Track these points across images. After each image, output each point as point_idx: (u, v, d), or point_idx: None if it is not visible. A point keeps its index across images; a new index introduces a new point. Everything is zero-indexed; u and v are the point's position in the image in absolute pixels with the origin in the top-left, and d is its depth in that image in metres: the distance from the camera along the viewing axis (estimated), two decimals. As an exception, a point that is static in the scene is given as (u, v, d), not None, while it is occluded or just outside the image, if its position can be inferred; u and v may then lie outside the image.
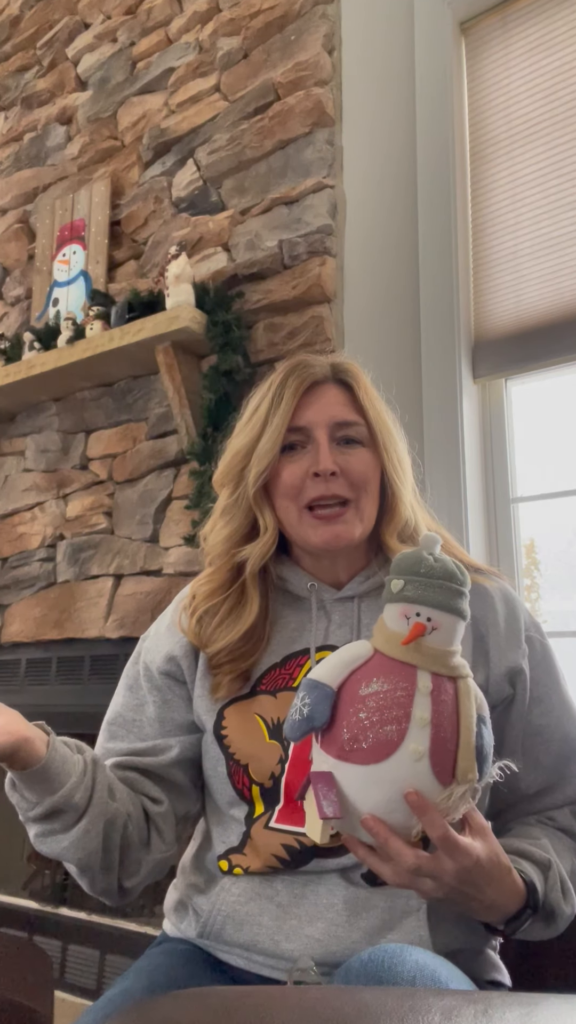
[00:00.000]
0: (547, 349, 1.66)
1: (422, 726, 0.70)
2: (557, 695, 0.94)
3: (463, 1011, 0.41)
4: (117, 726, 1.00)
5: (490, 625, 0.93)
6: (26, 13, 2.82)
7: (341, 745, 0.72)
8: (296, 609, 0.98)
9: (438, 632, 0.73)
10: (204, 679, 0.96)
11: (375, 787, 0.71)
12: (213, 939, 0.89)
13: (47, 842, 0.86)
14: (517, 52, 1.79)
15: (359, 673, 0.74)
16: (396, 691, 0.71)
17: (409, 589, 0.73)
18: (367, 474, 0.95)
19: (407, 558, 0.75)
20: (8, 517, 2.47)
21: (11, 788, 0.86)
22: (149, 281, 2.18)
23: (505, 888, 0.76)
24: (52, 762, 0.83)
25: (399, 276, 1.83)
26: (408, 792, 0.69)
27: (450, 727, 0.71)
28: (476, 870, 0.72)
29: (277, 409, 0.95)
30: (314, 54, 1.98)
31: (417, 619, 0.72)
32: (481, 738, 0.72)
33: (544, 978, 0.98)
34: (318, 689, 0.75)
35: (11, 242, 2.69)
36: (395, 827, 0.71)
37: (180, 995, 0.44)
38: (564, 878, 0.84)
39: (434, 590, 0.73)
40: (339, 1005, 0.42)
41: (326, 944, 0.82)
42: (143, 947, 1.05)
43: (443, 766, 0.71)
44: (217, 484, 1.01)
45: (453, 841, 0.70)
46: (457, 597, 0.73)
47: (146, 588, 2.06)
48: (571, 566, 1.67)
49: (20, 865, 2.36)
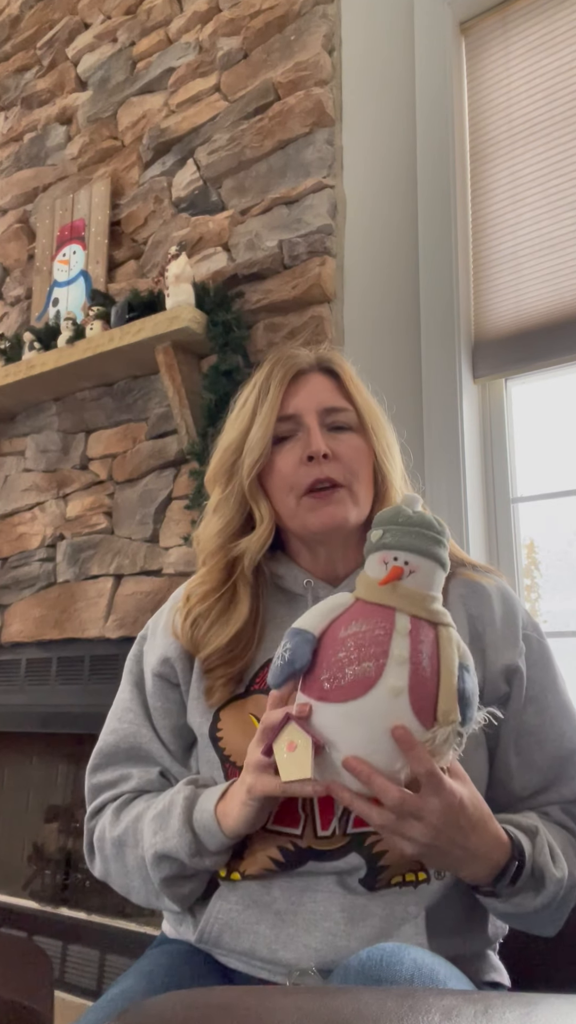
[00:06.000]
0: (547, 349, 1.66)
1: (400, 663, 0.70)
2: (553, 695, 0.93)
3: (463, 1011, 0.41)
4: (126, 756, 0.99)
5: (487, 623, 0.92)
6: (26, 13, 2.82)
7: (320, 685, 0.73)
8: (291, 606, 0.97)
9: (416, 575, 0.74)
10: (199, 682, 0.95)
11: (355, 724, 0.71)
12: (211, 945, 0.88)
13: (179, 885, 0.89)
14: (517, 52, 1.79)
15: (340, 619, 0.75)
16: (375, 630, 0.72)
17: (387, 536, 0.75)
18: (359, 458, 0.95)
19: (386, 512, 0.77)
20: (8, 517, 2.47)
21: (199, 855, 0.86)
22: (149, 281, 2.18)
23: (488, 836, 0.76)
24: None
25: (399, 276, 1.83)
26: (395, 726, 0.69)
27: (431, 667, 0.71)
28: (460, 810, 0.72)
29: (265, 399, 0.95)
30: (314, 54, 1.98)
31: (395, 563, 0.74)
32: (463, 682, 0.72)
33: (544, 978, 0.98)
34: (299, 635, 0.76)
35: (11, 242, 2.69)
36: (378, 768, 0.71)
37: (180, 995, 0.44)
38: (553, 845, 0.83)
39: (411, 536, 0.74)
40: (338, 1005, 0.42)
41: (324, 953, 0.81)
42: (143, 947, 1.05)
43: (424, 705, 0.70)
44: (209, 483, 1.01)
45: (439, 778, 0.70)
46: (434, 543, 0.74)
47: (146, 588, 2.06)
48: (571, 566, 1.67)
49: (20, 865, 2.36)
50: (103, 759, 1.00)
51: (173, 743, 0.98)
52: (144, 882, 0.90)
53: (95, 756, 1.01)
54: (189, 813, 0.86)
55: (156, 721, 0.98)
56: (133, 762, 0.98)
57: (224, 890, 0.89)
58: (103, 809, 0.98)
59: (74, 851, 2.28)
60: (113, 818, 0.95)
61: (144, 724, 0.99)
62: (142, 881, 0.91)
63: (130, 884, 0.93)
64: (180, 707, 0.98)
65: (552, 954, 0.98)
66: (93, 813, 0.99)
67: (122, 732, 0.99)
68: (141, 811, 0.92)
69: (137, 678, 1.02)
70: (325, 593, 0.96)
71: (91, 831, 0.98)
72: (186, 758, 0.99)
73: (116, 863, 0.93)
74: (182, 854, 0.85)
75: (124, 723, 1.00)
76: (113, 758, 0.99)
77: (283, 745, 0.74)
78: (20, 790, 2.45)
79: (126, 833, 0.92)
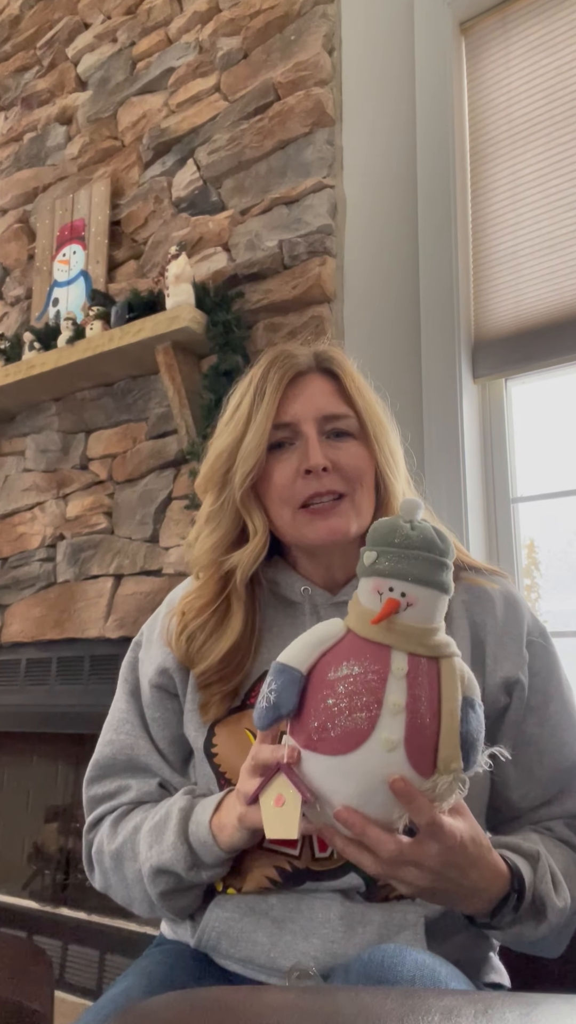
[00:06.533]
0: (547, 349, 1.66)
1: (395, 713, 0.64)
2: (556, 704, 0.89)
3: (463, 1011, 0.41)
4: (124, 767, 0.97)
5: (488, 631, 0.89)
6: (26, 13, 2.82)
7: (309, 734, 0.67)
8: (289, 615, 0.94)
9: (414, 608, 0.65)
10: (195, 695, 0.93)
11: (346, 779, 0.65)
12: (209, 950, 0.87)
13: (176, 899, 0.87)
14: (517, 52, 1.79)
15: (329, 655, 0.68)
16: (367, 675, 0.65)
17: (382, 561, 0.66)
18: (360, 467, 0.90)
19: (381, 527, 0.68)
20: (8, 517, 2.47)
21: (195, 868, 0.84)
22: (149, 281, 2.18)
23: (487, 870, 0.72)
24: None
25: (399, 276, 1.83)
26: (394, 779, 0.64)
27: (429, 712, 0.65)
28: (460, 851, 0.68)
29: (260, 404, 0.89)
30: (314, 54, 1.98)
31: (390, 594, 0.66)
32: (467, 724, 0.65)
33: (544, 978, 0.98)
34: (285, 673, 0.68)
35: (11, 242, 2.69)
36: (374, 819, 0.66)
37: (180, 995, 0.44)
38: (555, 871, 0.79)
39: (409, 562, 0.65)
40: (339, 1005, 0.42)
41: (322, 960, 0.80)
42: (143, 947, 1.05)
43: (422, 756, 0.64)
44: (200, 489, 0.96)
45: (439, 824, 0.66)
46: (436, 569, 0.66)
47: (146, 588, 2.06)
48: (571, 566, 1.67)
49: (20, 865, 2.36)
50: (100, 771, 0.97)
51: (172, 754, 0.96)
52: (145, 895, 0.89)
53: (92, 768, 0.98)
54: (184, 825, 0.84)
55: (154, 732, 0.96)
56: (131, 773, 0.96)
57: (221, 898, 0.87)
58: (101, 821, 0.96)
59: (74, 851, 2.28)
60: (111, 831, 0.92)
61: (142, 735, 0.96)
62: (143, 894, 0.89)
63: (131, 896, 0.91)
64: (178, 717, 0.96)
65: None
66: (91, 826, 0.97)
67: (119, 744, 0.96)
68: (138, 823, 0.90)
69: (133, 687, 0.99)
70: (323, 600, 0.94)
71: (89, 844, 0.96)
72: (185, 768, 0.97)
73: (116, 876, 0.92)
74: (179, 867, 0.83)
75: (121, 734, 0.97)
76: (110, 770, 0.97)
77: (271, 799, 0.70)
78: (20, 790, 2.45)
79: (124, 846, 0.90)
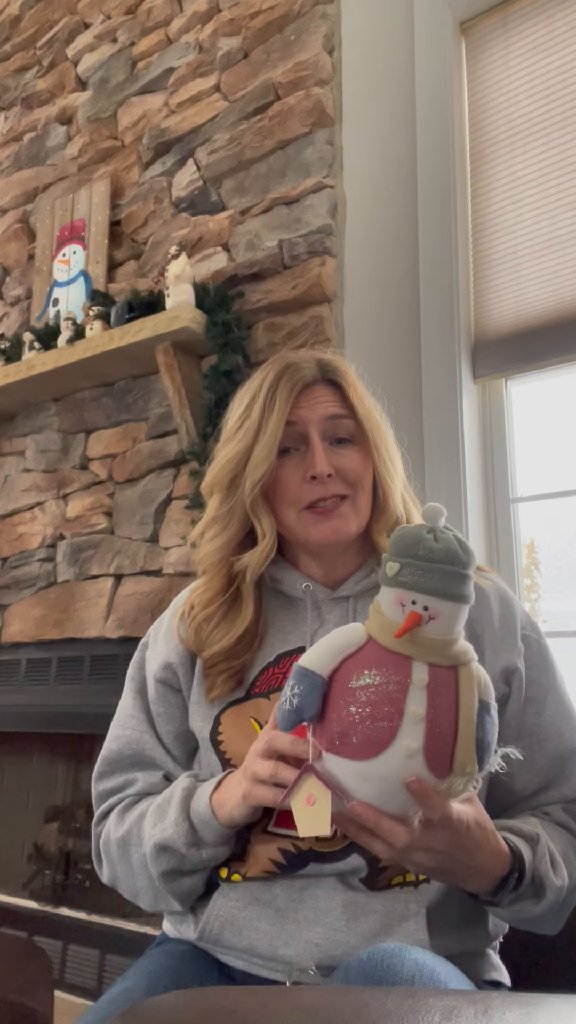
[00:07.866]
0: (547, 349, 1.66)
1: (415, 722, 0.66)
2: (552, 695, 0.94)
3: (463, 1011, 0.41)
4: (131, 762, 1.00)
5: (485, 625, 0.93)
6: (26, 13, 2.82)
7: (331, 738, 0.69)
8: (291, 610, 0.98)
9: (436, 621, 0.67)
10: (200, 683, 0.96)
11: (366, 781, 0.69)
12: (212, 943, 0.89)
13: (178, 880, 0.89)
14: (517, 52, 1.79)
15: (351, 662, 0.70)
16: (388, 685, 0.67)
17: (405, 574, 0.67)
18: (360, 472, 0.96)
19: (406, 537, 0.69)
20: (8, 517, 2.47)
21: (195, 845, 0.86)
22: (149, 281, 2.18)
23: (491, 851, 0.76)
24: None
25: (399, 276, 1.83)
26: (410, 781, 0.67)
27: (447, 721, 0.67)
28: (467, 835, 0.72)
29: (270, 416, 0.95)
30: (314, 54, 1.98)
31: (413, 607, 0.67)
32: (483, 729, 0.68)
33: (544, 978, 0.98)
34: (308, 678, 0.71)
35: (11, 242, 2.69)
36: (389, 814, 0.69)
37: (180, 995, 0.44)
38: (553, 852, 0.83)
39: (433, 576, 0.66)
40: (339, 1005, 0.42)
41: (325, 948, 0.82)
42: (143, 947, 1.05)
43: (439, 761, 0.67)
44: (206, 491, 1.01)
45: (449, 816, 0.70)
46: (459, 582, 0.67)
47: (146, 588, 2.06)
48: (571, 566, 1.67)
49: (20, 865, 2.36)
50: (108, 766, 1.01)
51: (176, 748, 0.99)
52: (150, 881, 0.91)
53: (100, 764, 1.01)
54: (187, 803, 0.87)
55: (159, 727, 0.99)
56: (138, 767, 0.99)
57: (225, 888, 0.89)
58: (109, 813, 0.99)
59: (74, 851, 2.29)
60: (118, 819, 0.96)
61: (147, 730, 1.00)
62: (148, 880, 0.91)
63: (137, 885, 0.93)
64: (183, 712, 0.99)
65: (552, 954, 0.98)
66: (99, 819, 1.00)
67: (125, 739, 1.00)
68: (143, 810, 0.93)
69: (139, 685, 1.03)
70: (324, 597, 0.98)
71: (97, 836, 0.99)
72: (189, 763, 0.99)
73: (122, 864, 0.94)
74: (179, 843, 0.86)
75: (127, 729, 1.00)
76: (117, 765, 1.00)
77: (301, 799, 0.72)
78: (20, 790, 2.45)
79: (130, 832, 0.93)
